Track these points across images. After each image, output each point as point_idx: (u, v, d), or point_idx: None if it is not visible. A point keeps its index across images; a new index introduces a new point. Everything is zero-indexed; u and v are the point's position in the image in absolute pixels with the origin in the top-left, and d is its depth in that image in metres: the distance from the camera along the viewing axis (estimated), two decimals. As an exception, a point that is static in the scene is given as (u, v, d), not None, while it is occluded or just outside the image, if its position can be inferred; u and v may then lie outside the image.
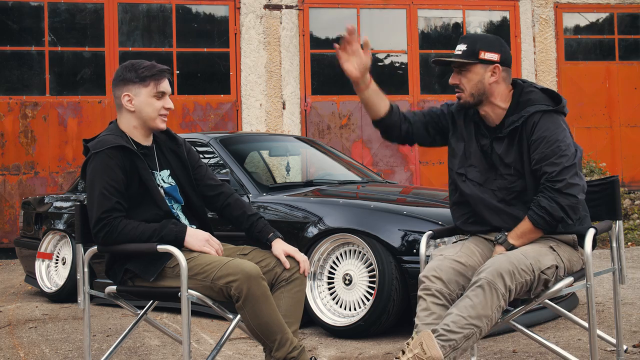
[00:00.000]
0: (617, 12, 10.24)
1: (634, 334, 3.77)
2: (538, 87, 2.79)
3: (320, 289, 4.17)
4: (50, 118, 8.86)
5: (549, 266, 2.57)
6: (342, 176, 5.37)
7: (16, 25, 8.93)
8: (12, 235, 8.39)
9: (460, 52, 2.75)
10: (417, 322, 2.55)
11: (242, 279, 2.61)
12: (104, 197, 2.71)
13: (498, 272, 2.47)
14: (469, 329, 2.42)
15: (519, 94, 2.76)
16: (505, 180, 2.74)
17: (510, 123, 2.73)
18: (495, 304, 2.45)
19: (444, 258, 2.67)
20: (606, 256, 6.47)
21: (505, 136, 2.74)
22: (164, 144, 2.97)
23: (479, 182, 2.79)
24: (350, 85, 2.91)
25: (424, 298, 2.58)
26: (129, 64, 2.87)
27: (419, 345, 2.38)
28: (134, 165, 2.78)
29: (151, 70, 2.83)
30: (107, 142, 2.76)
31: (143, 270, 2.74)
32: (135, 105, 2.83)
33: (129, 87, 2.83)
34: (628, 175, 9.94)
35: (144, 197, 2.80)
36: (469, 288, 2.50)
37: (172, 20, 9.21)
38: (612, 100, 10.11)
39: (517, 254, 2.55)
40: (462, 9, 9.84)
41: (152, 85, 2.83)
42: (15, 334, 4.44)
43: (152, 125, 2.86)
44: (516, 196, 2.73)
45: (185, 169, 2.98)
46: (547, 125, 2.66)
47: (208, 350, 3.83)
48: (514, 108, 2.75)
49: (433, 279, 2.59)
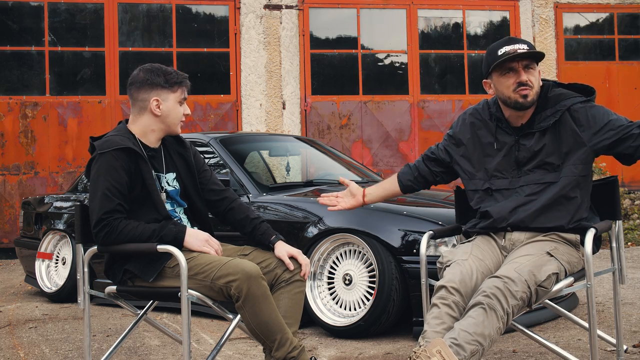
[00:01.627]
0: (617, 12, 10.24)
1: (634, 334, 3.77)
2: (563, 84, 2.87)
3: (320, 289, 4.17)
4: (50, 118, 8.86)
5: (546, 278, 2.57)
6: (342, 176, 5.36)
7: (16, 25, 8.93)
8: (12, 235, 8.39)
9: (526, 49, 2.73)
10: (427, 328, 2.52)
11: (242, 279, 2.62)
12: (106, 198, 2.71)
13: (495, 296, 2.47)
14: (475, 345, 2.41)
15: (545, 92, 2.80)
16: (534, 173, 2.77)
17: (544, 118, 2.77)
18: (495, 325, 2.45)
19: (462, 267, 2.64)
20: (606, 256, 6.47)
21: (536, 131, 2.77)
22: (171, 147, 2.99)
23: (507, 187, 2.81)
24: (350, 85, 2.96)
25: (438, 306, 2.56)
26: (152, 68, 2.88)
27: (437, 353, 2.34)
28: (138, 168, 2.79)
29: (179, 77, 2.88)
30: (114, 143, 2.76)
31: (142, 270, 2.75)
32: (162, 110, 2.86)
33: (158, 92, 2.85)
34: (628, 175, 9.94)
35: (146, 200, 2.80)
36: (471, 308, 2.49)
37: (172, 20, 9.21)
38: (612, 100, 10.10)
39: (513, 272, 2.53)
40: (462, 9, 9.84)
41: (179, 91, 2.88)
42: (15, 334, 4.44)
43: (174, 129, 2.92)
44: (544, 188, 2.76)
45: (191, 172, 2.99)
46: (595, 112, 2.74)
47: (208, 350, 3.83)
48: (543, 105, 2.78)
49: (453, 290, 2.57)
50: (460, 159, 2.94)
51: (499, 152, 2.83)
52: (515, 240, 2.80)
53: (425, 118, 9.57)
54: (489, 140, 2.86)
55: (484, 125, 2.89)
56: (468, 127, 2.93)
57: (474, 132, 2.90)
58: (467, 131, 2.93)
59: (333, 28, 9.62)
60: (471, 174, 2.90)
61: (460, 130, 2.95)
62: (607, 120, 2.73)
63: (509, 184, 2.81)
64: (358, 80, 9.46)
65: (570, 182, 2.73)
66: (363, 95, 9.44)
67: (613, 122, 2.72)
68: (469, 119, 2.94)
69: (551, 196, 2.74)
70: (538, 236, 2.76)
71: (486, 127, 2.88)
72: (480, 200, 2.87)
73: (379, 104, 9.47)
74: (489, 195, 2.85)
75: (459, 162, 2.95)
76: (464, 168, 2.93)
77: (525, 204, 2.76)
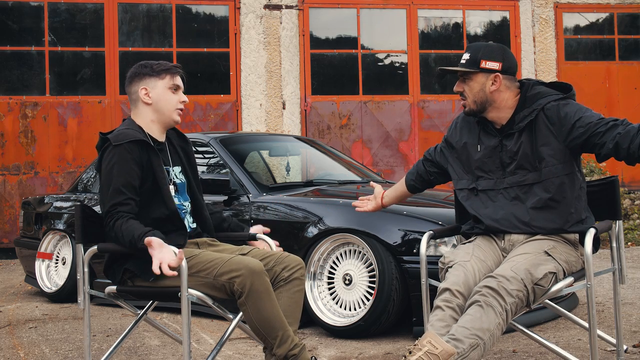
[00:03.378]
0: (617, 12, 10.24)
1: (634, 334, 3.77)
2: (544, 83, 2.86)
3: (320, 289, 4.17)
4: (50, 118, 8.86)
5: (543, 276, 2.57)
6: (342, 176, 5.37)
7: (16, 25, 8.93)
8: (12, 235, 8.39)
9: (464, 62, 2.83)
10: (430, 329, 2.53)
11: (245, 274, 2.62)
12: (117, 191, 2.73)
13: (490, 294, 2.48)
14: (473, 338, 2.41)
15: (525, 92, 2.81)
16: (516, 175, 2.78)
17: (521, 118, 2.78)
18: (494, 321, 2.46)
19: (465, 269, 2.65)
20: (606, 256, 6.47)
21: (516, 132, 2.78)
22: (175, 141, 3.05)
23: (492, 188, 2.83)
24: (350, 85, 3.03)
25: (442, 309, 2.57)
26: (142, 63, 2.96)
27: (427, 343, 2.37)
28: (149, 160, 2.82)
29: (166, 65, 2.94)
30: (128, 136, 2.80)
31: (142, 270, 2.75)
32: (152, 98, 2.90)
33: (145, 81, 2.91)
34: (628, 175, 9.94)
35: (155, 194, 2.82)
36: (469, 306, 2.51)
37: (172, 20, 9.21)
38: (612, 100, 10.11)
39: (508, 271, 2.55)
40: (462, 9, 9.84)
41: (167, 78, 2.92)
42: (15, 334, 4.44)
43: (170, 117, 2.93)
44: (528, 190, 2.76)
45: (193, 167, 3.06)
46: (568, 109, 2.72)
47: (208, 350, 3.83)
48: (522, 104, 2.79)
49: (457, 293, 2.58)
50: (453, 161, 3.00)
51: (484, 154, 2.86)
52: (515, 241, 2.80)
53: (425, 118, 9.57)
54: (475, 143, 2.90)
55: (471, 129, 2.94)
56: (459, 131, 2.99)
57: (464, 135, 2.96)
58: (457, 135, 2.99)
59: (333, 28, 9.62)
60: (460, 175, 2.96)
61: (452, 135, 3.02)
62: (577, 118, 2.70)
63: (494, 184, 2.83)
64: (358, 80, 9.46)
65: (554, 183, 2.73)
66: (363, 95, 9.44)
67: (583, 119, 2.69)
68: (460, 123, 3.00)
69: (537, 200, 2.74)
70: (537, 235, 2.77)
71: (473, 131, 2.93)
72: (465, 198, 2.91)
73: (379, 104, 9.47)
74: (474, 195, 2.88)
75: (452, 164, 3.01)
76: (455, 169, 2.99)
77: (514, 211, 2.77)
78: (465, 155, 2.93)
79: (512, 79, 2.83)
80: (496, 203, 2.82)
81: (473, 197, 2.88)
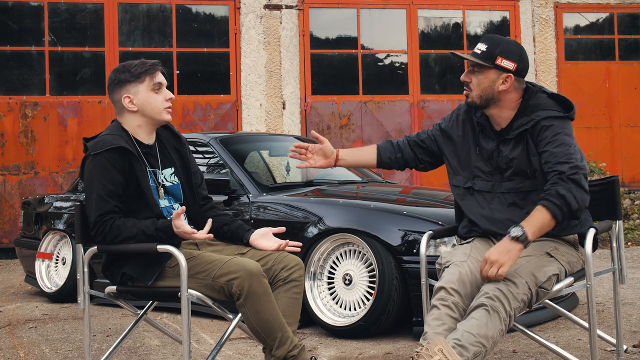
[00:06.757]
0: (617, 12, 10.24)
1: (634, 334, 3.77)
2: (547, 92, 2.77)
3: (320, 289, 4.17)
4: (50, 118, 8.86)
5: (546, 279, 2.56)
6: (342, 176, 5.37)
7: (16, 25, 8.93)
8: (12, 235, 8.39)
9: (479, 52, 2.73)
10: (427, 329, 2.51)
11: (243, 277, 2.62)
12: (101, 200, 2.71)
13: (498, 298, 2.46)
14: (478, 346, 2.40)
15: (527, 98, 2.75)
16: (513, 181, 2.75)
17: (519, 125, 2.72)
18: (498, 327, 2.45)
19: (461, 269, 2.63)
20: (606, 256, 6.47)
21: (512, 138, 2.74)
22: (167, 142, 2.98)
23: (488, 190, 2.80)
24: (350, 85, 2.96)
25: (438, 307, 2.55)
26: (119, 67, 2.88)
27: (439, 351, 2.34)
28: (132, 166, 2.77)
29: (143, 66, 2.84)
30: (107, 143, 2.75)
31: (141, 273, 2.74)
32: (137, 105, 2.84)
33: (126, 88, 2.84)
34: (628, 175, 9.95)
35: (140, 198, 2.79)
36: (474, 309, 2.48)
37: (172, 20, 9.21)
38: (612, 100, 10.11)
39: (513, 274, 2.52)
40: (462, 9, 9.84)
41: (147, 79, 2.84)
42: (15, 334, 4.44)
43: (159, 118, 2.87)
44: (525, 197, 2.73)
45: (187, 169, 2.99)
46: (556, 130, 2.64)
47: (208, 350, 3.83)
48: (523, 111, 2.73)
49: (452, 291, 2.56)
50: (449, 153, 2.93)
51: (481, 156, 2.82)
52: None
53: (425, 118, 9.57)
54: (474, 143, 2.86)
55: (471, 128, 2.88)
56: (460, 124, 2.91)
57: (465, 130, 2.89)
58: (459, 128, 2.91)
59: (333, 28, 9.62)
60: (456, 170, 2.90)
61: (452, 126, 2.93)
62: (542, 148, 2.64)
63: (491, 187, 2.79)
64: (358, 80, 9.46)
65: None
66: (363, 95, 9.44)
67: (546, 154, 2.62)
68: (462, 116, 2.92)
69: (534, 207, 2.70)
70: None
71: (473, 130, 2.87)
72: (461, 197, 2.87)
73: (379, 104, 9.47)
74: (469, 194, 2.84)
75: (448, 156, 2.94)
76: (451, 163, 2.93)
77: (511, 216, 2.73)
78: (464, 151, 2.87)
79: (521, 81, 2.76)
80: (492, 206, 2.79)
81: (469, 196, 2.84)
